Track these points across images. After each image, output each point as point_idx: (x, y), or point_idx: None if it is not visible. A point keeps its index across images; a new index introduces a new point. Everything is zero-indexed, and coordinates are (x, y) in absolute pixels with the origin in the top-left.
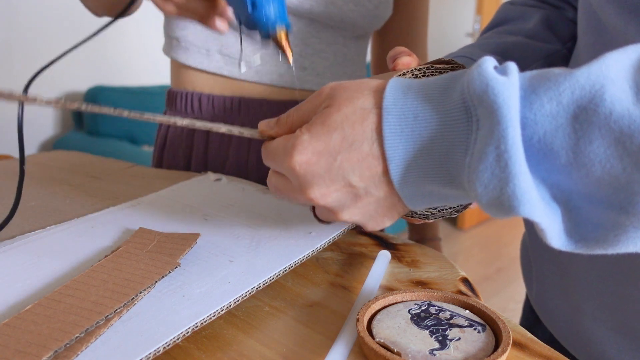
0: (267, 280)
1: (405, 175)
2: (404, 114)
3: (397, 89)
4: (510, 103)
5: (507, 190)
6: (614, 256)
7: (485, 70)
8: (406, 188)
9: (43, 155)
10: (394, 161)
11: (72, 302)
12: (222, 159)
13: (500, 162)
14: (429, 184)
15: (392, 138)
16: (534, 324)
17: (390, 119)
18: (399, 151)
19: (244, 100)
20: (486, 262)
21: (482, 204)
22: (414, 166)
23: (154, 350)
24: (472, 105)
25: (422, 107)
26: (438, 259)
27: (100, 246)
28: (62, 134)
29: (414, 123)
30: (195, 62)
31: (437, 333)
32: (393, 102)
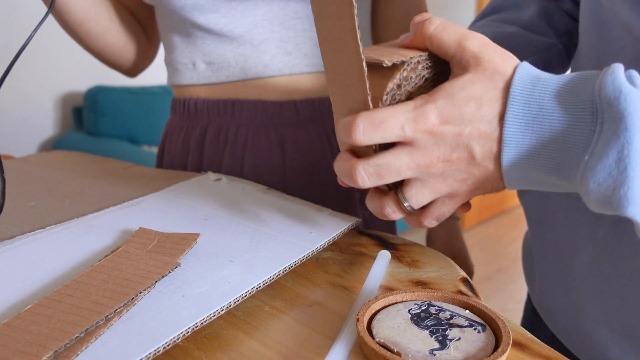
0: (267, 280)
1: (516, 160)
2: (529, 103)
3: (525, 77)
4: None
5: (620, 191)
6: (618, 257)
7: (619, 77)
8: (512, 172)
9: (43, 155)
10: (509, 145)
11: (72, 302)
12: (217, 162)
13: (620, 165)
14: (535, 171)
15: (513, 123)
16: (536, 323)
17: (516, 106)
18: (516, 137)
19: (238, 102)
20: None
21: (589, 199)
22: (527, 154)
23: (154, 350)
24: (601, 109)
25: (549, 100)
26: (438, 259)
27: (100, 246)
28: (62, 134)
29: (537, 113)
30: (186, 79)
31: (437, 333)
32: (520, 90)
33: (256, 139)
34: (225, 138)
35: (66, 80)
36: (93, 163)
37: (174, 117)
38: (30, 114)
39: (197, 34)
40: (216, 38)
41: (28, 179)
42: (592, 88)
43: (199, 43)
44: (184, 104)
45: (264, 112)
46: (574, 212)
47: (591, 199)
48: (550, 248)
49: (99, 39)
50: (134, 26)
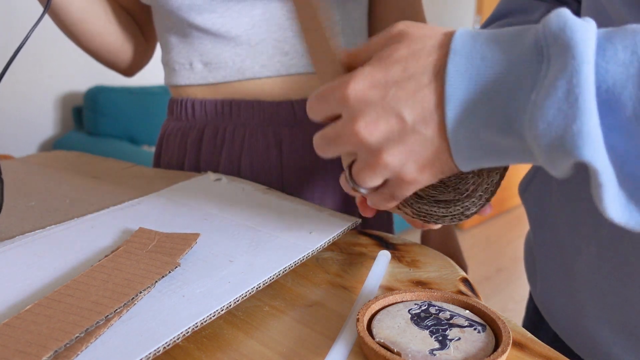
0: (267, 280)
1: (461, 117)
2: (471, 55)
3: (466, 34)
4: (587, 42)
5: (572, 128)
6: (620, 256)
7: (564, 12)
8: (459, 132)
9: (43, 155)
10: (452, 101)
11: (72, 302)
12: (214, 163)
13: (570, 97)
14: (484, 130)
15: (455, 77)
16: (538, 323)
17: (457, 59)
18: (460, 91)
19: (235, 102)
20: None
21: (541, 147)
22: (472, 110)
23: (154, 350)
24: (546, 45)
25: (491, 49)
26: (438, 259)
27: (100, 246)
28: (62, 134)
29: (481, 64)
30: (183, 79)
31: (437, 333)
32: (461, 44)
33: (253, 139)
34: (223, 138)
35: (66, 80)
36: (93, 163)
37: (170, 118)
38: (30, 114)
39: (194, 34)
40: (213, 38)
41: (28, 179)
42: (535, 29)
43: (196, 43)
44: (181, 105)
45: (261, 112)
46: (576, 211)
47: (542, 146)
48: (552, 247)
49: (96, 38)
50: (131, 25)
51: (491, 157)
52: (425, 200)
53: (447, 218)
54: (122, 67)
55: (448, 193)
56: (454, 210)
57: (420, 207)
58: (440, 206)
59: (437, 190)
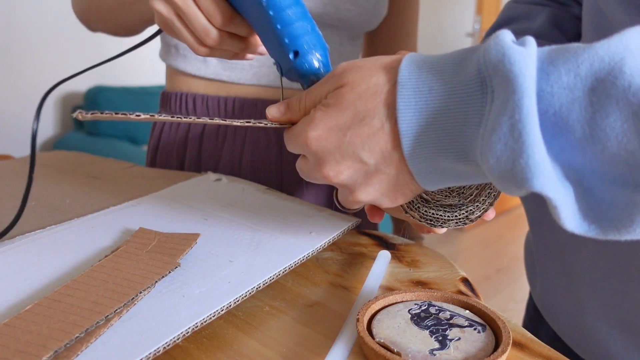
0: (267, 280)
1: (417, 150)
2: (419, 88)
3: (412, 64)
4: (526, 72)
5: (520, 162)
6: (618, 254)
7: (502, 40)
8: (418, 164)
9: (43, 155)
10: (406, 135)
11: (72, 302)
12: (215, 159)
13: (514, 132)
14: (442, 159)
15: (405, 111)
16: (538, 322)
17: (405, 93)
18: (412, 125)
19: (239, 100)
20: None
21: (494, 178)
22: (427, 141)
23: (154, 350)
24: (488, 76)
25: (437, 80)
26: (438, 259)
27: (100, 246)
28: (62, 134)
29: (429, 96)
30: (193, 69)
31: (437, 333)
32: (408, 77)
33: (254, 136)
34: (224, 135)
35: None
36: (93, 163)
37: (166, 112)
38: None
39: None
40: None
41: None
42: (477, 57)
43: None
44: (180, 99)
45: (263, 109)
46: None
47: (495, 178)
48: (551, 246)
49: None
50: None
51: (455, 180)
52: (432, 204)
53: (452, 222)
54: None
55: (453, 198)
56: (459, 214)
57: (426, 212)
58: (445, 210)
59: (442, 195)
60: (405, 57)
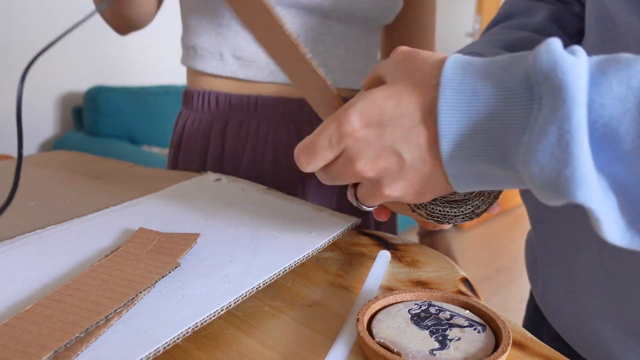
0: (267, 280)
1: (456, 152)
2: (462, 90)
3: (456, 65)
4: (578, 83)
5: (565, 173)
6: (622, 254)
7: (554, 48)
8: (455, 166)
9: (43, 155)
10: (445, 137)
11: (72, 302)
12: (238, 158)
13: (562, 143)
14: (479, 163)
15: (447, 113)
16: (538, 322)
17: (447, 94)
18: (453, 127)
19: (261, 98)
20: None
21: (535, 186)
22: (467, 144)
23: (154, 350)
24: (537, 83)
25: (482, 83)
26: (438, 259)
27: (100, 246)
28: (62, 134)
29: (472, 99)
30: (211, 68)
31: (437, 333)
32: (452, 77)
33: (277, 134)
34: (247, 132)
35: (66, 80)
36: (93, 163)
37: (189, 109)
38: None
39: (232, 26)
40: (249, 35)
41: (28, 179)
42: (526, 63)
43: (230, 36)
44: (203, 97)
45: (285, 108)
46: (576, 209)
47: (536, 186)
48: (553, 246)
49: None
50: None
51: (488, 184)
52: (438, 202)
53: (459, 217)
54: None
55: (459, 193)
56: (465, 209)
57: (433, 209)
58: (452, 206)
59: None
60: (450, 57)
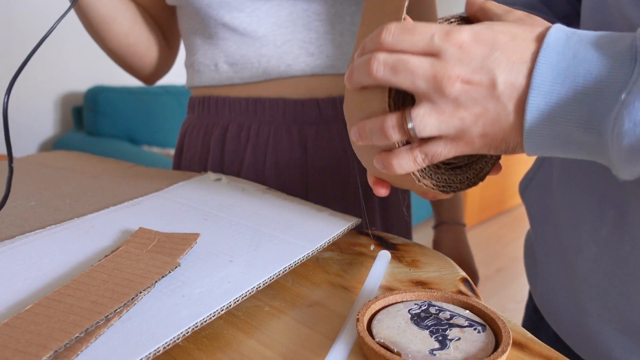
0: (267, 280)
1: (543, 110)
2: (564, 51)
3: (561, 31)
4: None
5: None
6: (621, 255)
7: None
8: (537, 123)
9: (43, 155)
10: (537, 92)
11: (72, 302)
12: (239, 161)
13: None
14: (563, 123)
15: (544, 68)
16: (538, 323)
17: (548, 52)
18: (547, 83)
19: (260, 100)
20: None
21: (621, 146)
22: (556, 103)
23: (154, 350)
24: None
25: (585, 49)
26: (438, 259)
27: (100, 246)
28: (62, 134)
29: (572, 60)
30: (208, 80)
31: (437, 333)
32: (555, 40)
33: (278, 137)
34: (247, 136)
35: (66, 80)
36: (93, 163)
37: (192, 116)
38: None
39: (220, 34)
40: (239, 38)
41: (28, 179)
42: (632, 36)
43: (221, 44)
44: (204, 102)
45: (285, 110)
46: (576, 210)
47: (624, 145)
48: (553, 247)
49: (122, 39)
50: (155, 30)
51: (561, 148)
52: (443, 170)
53: (464, 184)
54: (145, 73)
55: (462, 158)
56: (470, 174)
57: (439, 178)
58: (457, 173)
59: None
60: (555, 25)
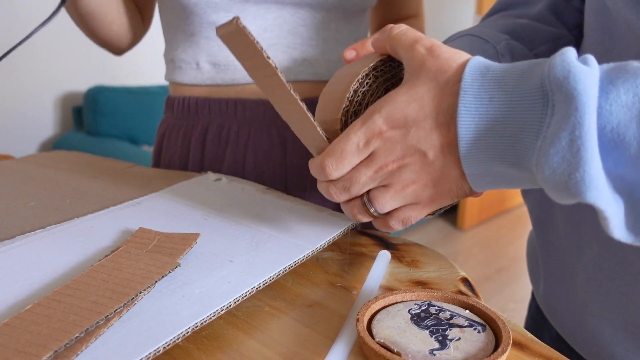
0: (267, 280)
1: (473, 153)
2: (480, 95)
3: (475, 70)
4: (590, 92)
5: (576, 175)
6: (622, 256)
7: (568, 58)
8: (472, 166)
9: (43, 155)
10: (464, 139)
11: (72, 302)
12: (219, 161)
13: (573, 147)
14: (496, 164)
15: (465, 117)
16: (540, 322)
17: (467, 99)
18: (471, 130)
19: (240, 101)
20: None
21: (548, 187)
22: (484, 145)
23: (154, 350)
24: (550, 91)
25: (499, 89)
26: (438, 259)
27: (100, 246)
28: (62, 134)
29: (489, 104)
30: (190, 78)
31: (437, 333)
32: (470, 83)
33: (257, 138)
34: (227, 137)
35: (66, 80)
36: (93, 163)
37: (170, 116)
38: (30, 114)
39: (204, 33)
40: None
41: (28, 179)
42: (541, 71)
43: (203, 43)
44: (183, 102)
45: (265, 111)
46: (578, 211)
47: (549, 187)
48: (555, 247)
49: (106, 27)
50: (134, 12)
51: (506, 184)
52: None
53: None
54: (119, 50)
55: None
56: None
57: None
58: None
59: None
60: (470, 61)
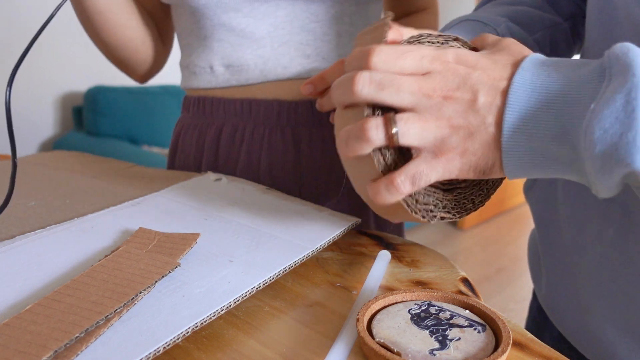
0: (267, 280)
1: (518, 123)
2: (538, 72)
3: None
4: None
5: (627, 136)
6: (625, 256)
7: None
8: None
9: (43, 155)
10: (512, 105)
11: (72, 302)
12: (233, 161)
13: (628, 107)
14: (538, 138)
15: (519, 87)
16: (542, 322)
17: (523, 73)
18: (522, 99)
19: (255, 101)
20: (486, 262)
21: (593, 155)
22: (530, 116)
23: (154, 350)
24: (609, 66)
25: (557, 69)
26: (438, 259)
27: (100, 246)
28: (62, 134)
29: (546, 78)
30: (204, 83)
31: (437, 333)
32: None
33: (272, 138)
34: (242, 137)
35: (66, 80)
36: (93, 163)
37: (186, 115)
38: (30, 114)
39: (216, 35)
40: (235, 40)
41: (28, 179)
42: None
43: (216, 46)
44: (199, 102)
45: (280, 111)
46: (581, 210)
47: (595, 152)
48: (557, 247)
49: (117, 31)
50: (151, 25)
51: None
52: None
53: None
54: (138, 69)
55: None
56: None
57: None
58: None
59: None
60: (528, 56)
